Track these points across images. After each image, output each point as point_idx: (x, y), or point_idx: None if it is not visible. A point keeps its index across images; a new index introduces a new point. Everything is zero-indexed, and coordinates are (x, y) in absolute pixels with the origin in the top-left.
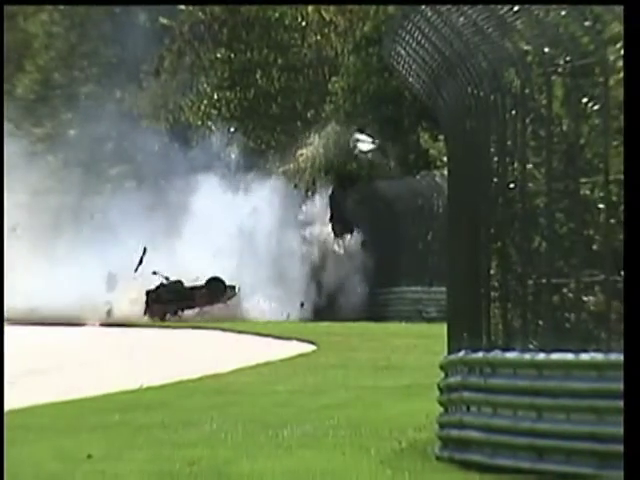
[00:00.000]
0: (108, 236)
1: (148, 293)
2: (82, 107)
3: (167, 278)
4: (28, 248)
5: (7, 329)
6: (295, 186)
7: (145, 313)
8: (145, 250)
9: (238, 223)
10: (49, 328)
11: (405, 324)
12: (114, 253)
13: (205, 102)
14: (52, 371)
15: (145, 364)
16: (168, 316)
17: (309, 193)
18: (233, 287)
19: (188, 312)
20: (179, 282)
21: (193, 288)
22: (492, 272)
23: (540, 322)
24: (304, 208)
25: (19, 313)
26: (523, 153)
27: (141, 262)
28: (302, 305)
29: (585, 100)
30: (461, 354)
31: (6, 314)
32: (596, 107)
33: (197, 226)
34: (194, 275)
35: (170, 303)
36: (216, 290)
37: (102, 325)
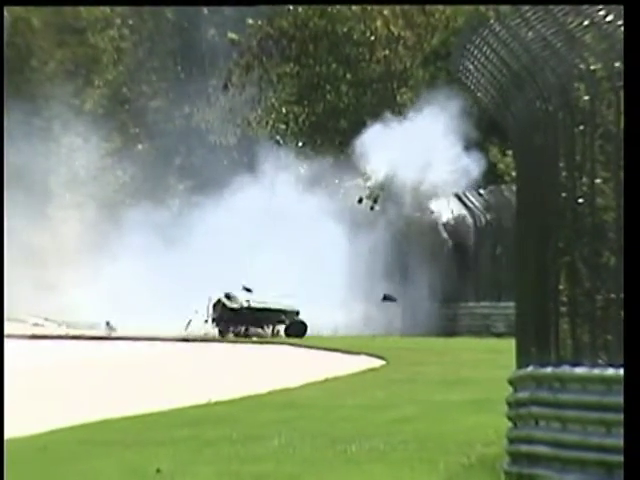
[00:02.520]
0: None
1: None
2: (150, 122)
3: (248, 290)
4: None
5: (76, 343)
6: (360, 201)
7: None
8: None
9: (306, 239)
10: (121, 342)
11: (474, 339)
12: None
13: (273, 117)
14: (122, 385)
15: (214, 379)
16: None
17: (375, 207)
18: (297, 312)
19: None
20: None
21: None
22: (561, 287)
23: (609, 337)
24: (372, 223)
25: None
26: (592, 168)
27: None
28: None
29: None
30: (530, 369)
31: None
32: None
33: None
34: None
35: (232, 322)
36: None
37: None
